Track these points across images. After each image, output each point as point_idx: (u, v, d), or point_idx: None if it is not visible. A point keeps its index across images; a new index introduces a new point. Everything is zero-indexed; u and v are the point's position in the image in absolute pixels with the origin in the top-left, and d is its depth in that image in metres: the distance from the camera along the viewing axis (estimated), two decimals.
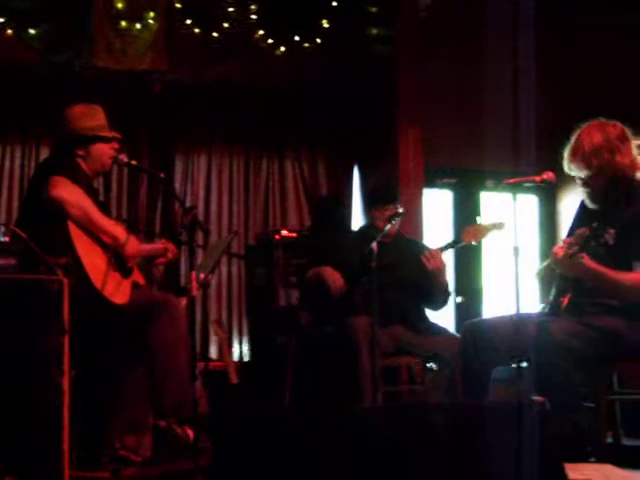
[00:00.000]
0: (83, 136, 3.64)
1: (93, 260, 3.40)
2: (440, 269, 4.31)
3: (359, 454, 2.44)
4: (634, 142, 3.47)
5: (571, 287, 3.45)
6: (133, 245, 3.59)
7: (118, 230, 3.57)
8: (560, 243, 3.48)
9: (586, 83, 6.36)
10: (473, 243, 4.25)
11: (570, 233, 3.56)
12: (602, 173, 3.43)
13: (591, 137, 3.45)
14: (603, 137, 3.44)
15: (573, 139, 3.50)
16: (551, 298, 3.54)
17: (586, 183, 3.48)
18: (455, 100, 6.28)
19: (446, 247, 4.32)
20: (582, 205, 3.65)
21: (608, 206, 3.48)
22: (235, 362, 5.37)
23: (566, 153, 3.51)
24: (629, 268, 3.33)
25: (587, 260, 3.26)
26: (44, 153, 5.43)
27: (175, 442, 3.42)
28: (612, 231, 3.29)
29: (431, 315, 4.62)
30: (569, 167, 3.51)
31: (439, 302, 4.52)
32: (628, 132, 3.47)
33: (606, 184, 3.44)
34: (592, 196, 3.51)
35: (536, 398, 2.47)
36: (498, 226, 4.14)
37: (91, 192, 3.65)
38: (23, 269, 3.08)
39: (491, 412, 2.42)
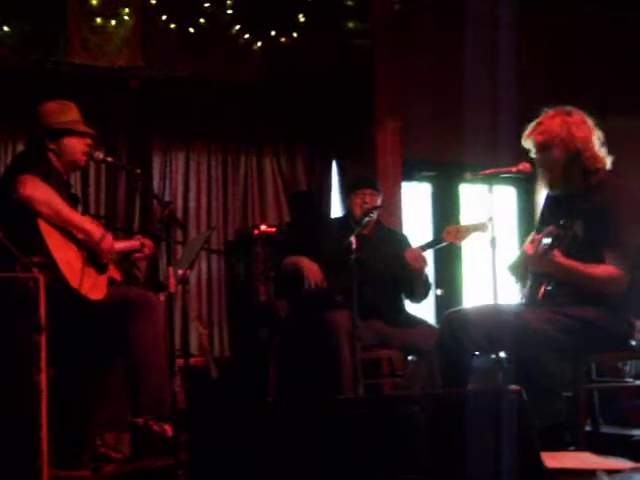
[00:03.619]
0: (55, 129, 3.62)
1: (67, 257, 3.38)
2: (423, 268, 4.32)
3: (339, 446, 2.44)
4: (596, 134, 3.51)
5: (546, 278, 3.47)
6: (108, 242, 3.57)
7: (92, 227, 3.54)
8: (530, 239, 3.50)
9: (566, 76, 6.39)
10: (455, 243, 4.26)
11: (539, 229, 3.58)
12: (561, 144, 3.45)
13: (553, 116, 3.52)
14: (564, 116, 3.50)
15: (534, 121, 3.56)
16: (527, 288, 3.56)
17: (544, 159, 3.50)
18: (433, 92, 6.29)
19: (427, 246, 4.34)
20: (548, 199, 3.68)
21: (568, 190, 3.52)
22: (215, 357, 5.36)
23: (526, 130, 3.56)
24: (601, 258, 3.35)
25: (558, 256, 3.29)
26: (19, 150, 5.38)
27: (153, 439, 3.40)
28: (579, 222, 3.34)
29: (410, 306, 4.63)
30: (526, 140, 3.55)
31: (420, 295, 4.53)
32: (589, 121, 3.52)
33: (564, 160, 3.46)
34: (550, 178, 3.53)
35: (512, 387, 2.48)
36: (480, 227, 4.14)
37: (63, 188, 3.62)
38: None
39: (467, 401, 2.43)
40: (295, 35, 5.85)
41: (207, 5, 5.67)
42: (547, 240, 3.27)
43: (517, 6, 5.80)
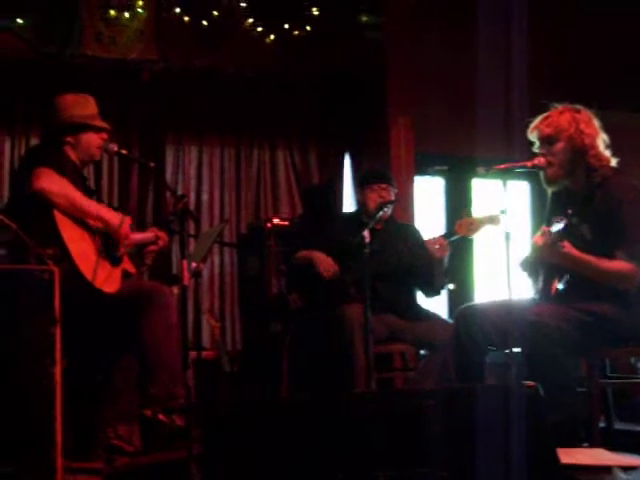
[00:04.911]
0: (73, 124, 3.62)
1: (82, 250, 3.38)
2: (445, 255, 4.29)
3: (352, 440, 2.44)
4: (602, 135, 3.49)
5: (558, 272, 3.46)
6: (127, 225, 3.57)
7: (109, 214, 3.55)
8: (540, 232, 3.49)
9: (579, 68, 6.37)
10: (467, 236, 4.22)
11: (548, 220, 3.56)
12: (568, 139, 3.44)
13: (562, 111, 3.51)
14: (574, 113, 3.50)
15: (541, 115, 3.56)
16: (540, 284, 3.55)
17: (548, 153, 3.48)
18: (446, 86, 6.26)
19: (444, 237, 4.31)
20: (553, 193, 3.66)
21: (570, 187, 3.51)
22: (227, 351, 5.37)
23: (533, 122, 3.54)
24: (610, 257, 3.34)
25: (569, 248, 3.28)
26: (33, 144, 5.39)
27: (161, 431, 3.40)
28: (586, 226, 3.33)
29: (423, 301, 4.62)
30: (532, 132, 3.54)
31: (439, 287, 4.49)
32: (596, 121, 3.52)
33: (569, 156, 3.45)
34: (552, 173, 3.51)
35: (528, 383, 2.47)
36: (493, 220, 4.10)
37: (79, 180, 3.63)
38: (13, 259, 3.07)
39: (482, 396, 2.42)
40: (309, 28, 5.85)
41: None
42: (557, 227, 3.25)
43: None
